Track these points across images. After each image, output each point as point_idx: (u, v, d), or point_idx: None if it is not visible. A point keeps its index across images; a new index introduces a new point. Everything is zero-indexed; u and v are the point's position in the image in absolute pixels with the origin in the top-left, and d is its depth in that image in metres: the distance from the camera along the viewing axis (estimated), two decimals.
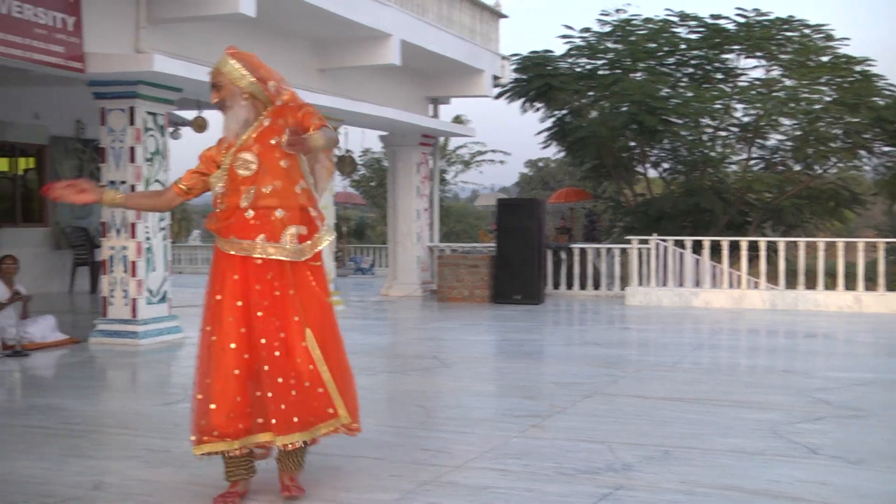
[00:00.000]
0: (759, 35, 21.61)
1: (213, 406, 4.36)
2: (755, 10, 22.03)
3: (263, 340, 4.37)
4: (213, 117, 14.58)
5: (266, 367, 4.37)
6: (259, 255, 4.42)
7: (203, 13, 10.57)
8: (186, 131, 16.99)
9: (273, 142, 4.52)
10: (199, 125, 14.12)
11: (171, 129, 12.13)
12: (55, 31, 9.61)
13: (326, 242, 4.64)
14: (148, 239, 10.62)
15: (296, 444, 4.42)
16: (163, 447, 5.62)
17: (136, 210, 4.99)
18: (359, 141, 45.61)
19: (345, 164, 16.95)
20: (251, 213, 4.46)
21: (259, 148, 4.52)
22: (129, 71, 10.16)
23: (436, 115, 18.41)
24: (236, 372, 4.37)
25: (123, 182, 10.47)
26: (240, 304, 4.40)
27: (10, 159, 16.96)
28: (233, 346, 4.37)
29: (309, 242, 4.54)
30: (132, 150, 10.44)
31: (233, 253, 4.46)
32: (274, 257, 4.43)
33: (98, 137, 10.85)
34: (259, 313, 4.38)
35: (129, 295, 10.53)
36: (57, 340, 10.28)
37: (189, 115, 15.19)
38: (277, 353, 4.38)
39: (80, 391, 7.72)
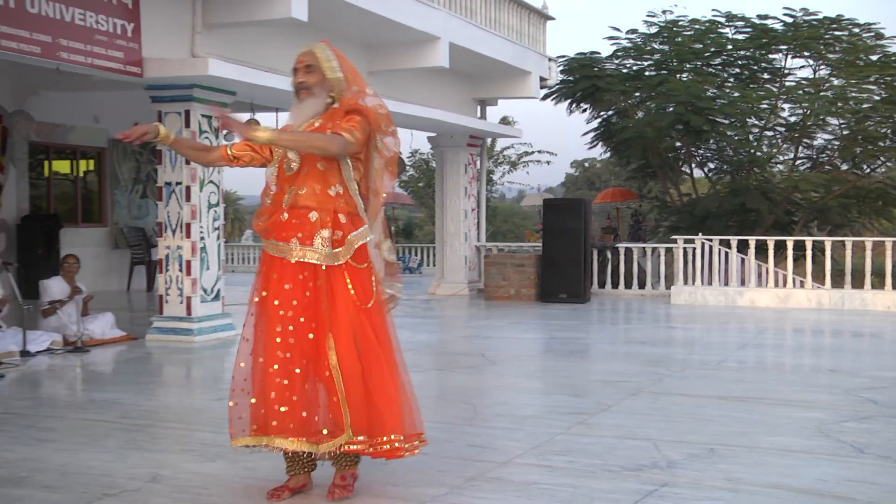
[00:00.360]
0: (807, 35, 21.34)
1: (252, 400, 4.41)
2: (803, 9, 21.77)
3: (292, 341, 4.37)
4: (266, 120, 14.72)
5: (297, 370, 4.38)
6: (295, 258, 4.40)
7: (256, 18, 10.65)
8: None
9: None
10: None
11: (224, 132, 12.23)
12: (115, 37, 9.74)
13: (360, 243, 4.46)
14: (202, 239, 10.73)
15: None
16: (216, 441, 5.67)
17: (181, 154, 4.93)
18: (407, 142, 45.68)
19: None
20: (286, 215, 4.45)
21: None
22: (185, 75, 10.26)
23: (483, 117, 18.40)
24: (273, 368, 4.37)
25: (179, 183, 10.59)
26: (276, 303, 4.41)
27: (72, 161, 17.22)
28: (273, 342, 4.38)
29: (342, 248, 4.41)
30: None
31: (272, 254, 4.47)
32: (307, 260, 4.40)
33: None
34: (289, 313, 4.37)
35: (184, 293, 10.64)
36: (115, 337, 10.43)
37: (242, 117, 15.35)
38: (305, 361, 4.39)
39: (138, 386, 7.82)
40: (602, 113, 23.70)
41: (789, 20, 21.78)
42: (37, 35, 8.85)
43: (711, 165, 24.18)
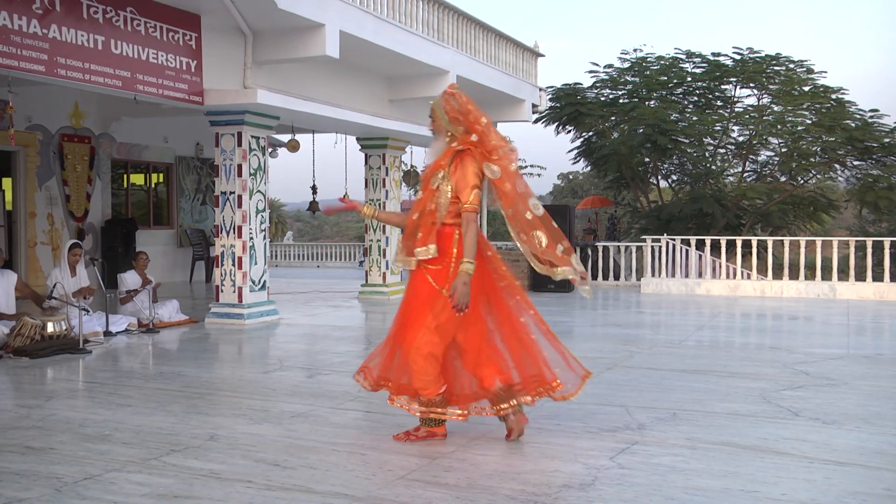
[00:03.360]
0: (753, 69, 21.38)
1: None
2: (749, 48, 21.85)
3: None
4: (305, 140, 14.73)
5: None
6: (410, 268, 4.68)
7: (297, 55, 10.66)
8: (282, 151, 17.18)
9: (434, 185, 4.61)
10: (293, 146, 14.26)
11: (270, 150, 12.23)
12: (181, 72, 9.76)
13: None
14: (251, 239, 10.74)
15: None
16: (263, 407, 5.69)
17: (385, 223, 5.25)
18: (422, 158, 45.68)
19: (410, 177, 16.99)
20: (421, 234, 4.64)
21: (426, 179, 4.69)
22: (238, 103, 10.28)
23: None
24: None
25: (232, 192, 10.60)
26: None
27: (145, 175, 17.26)
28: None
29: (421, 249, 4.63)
30: (240, 166, 10.56)
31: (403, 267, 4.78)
32: (410, 267, 4.68)
33: (213, 157, 10.98)
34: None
35: (236, 284, 10.65)
36: (180, 320, 10.45)
37: (284, 137, 15.35)
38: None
39: (198, 361, 7.84)
40: (584, 134, 23.73)
41: (738, 57, 21.84)
42: (119, 71, 8.88)
43: (674, 177, 24.18)
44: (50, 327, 8.06)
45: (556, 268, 4.89)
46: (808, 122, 21.18)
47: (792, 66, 21.80)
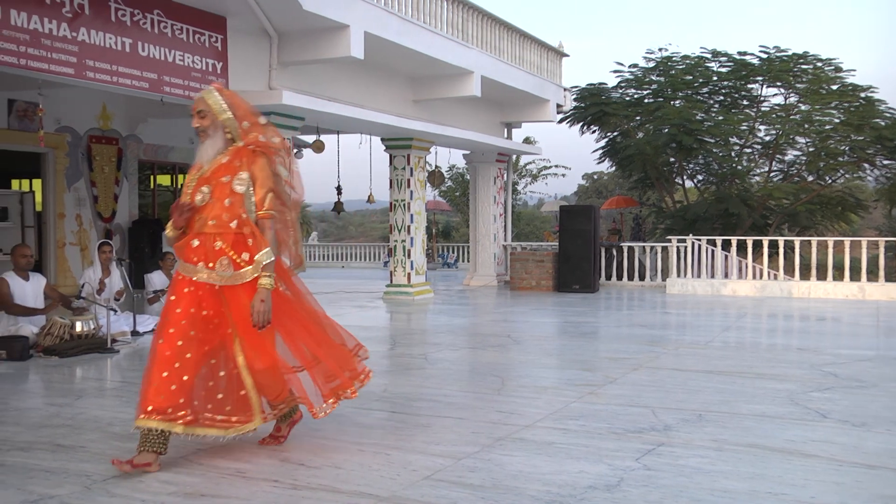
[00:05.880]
0: (779, 68, 21.20)
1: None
2: (776, 47, 21.66)
3: (207, 348, 4.24)
4: (330, 141, 14.80)
5: (203, 370, 4.28)
6: (198, 277, 4.24)
7: (322, 56, 10.71)
8: (307, 152, 17.24)
9: (224, 180, 4.27)
10: (318, 147, 14.34)
11: (295, 150, 12.29)
12: (207, 73, 9.83)
13: (268, 261, 4.24)
14: None
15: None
16: None
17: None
18: (446, 158, 45.77)
19: (434, 177, 17.02)
20: (196, 241, 4.29)
21: (214, 182, 4.29)
22: (263, 104, 10.33)
23: (509, 137, 18.36)
24: (176, 365, 4.14)
25: None
26: (193, 310, 4.23)
27: (171, 175, 17.40)
28: (180, 343, 4.16)
29: (249, 268, 4.23)
30: None
31: (182, 273, 4.30)
32: (206, 281, 4.22)
33: None
34: (191, 329, 4.21)
35: None
36: None
37: (309, 138, 15.41)
38: (213, 361, 4.30)
39: None
40: (608, 134, 23.65)
41: (764, 56, 21.66)
42: (146, 73, 8.96)
43: (700, 177, 24.04)
44: (78, 327, 8.14)
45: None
46: (837, 121, 20.99)
47: (820, 64, 21.59)
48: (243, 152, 4.34)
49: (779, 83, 21.85)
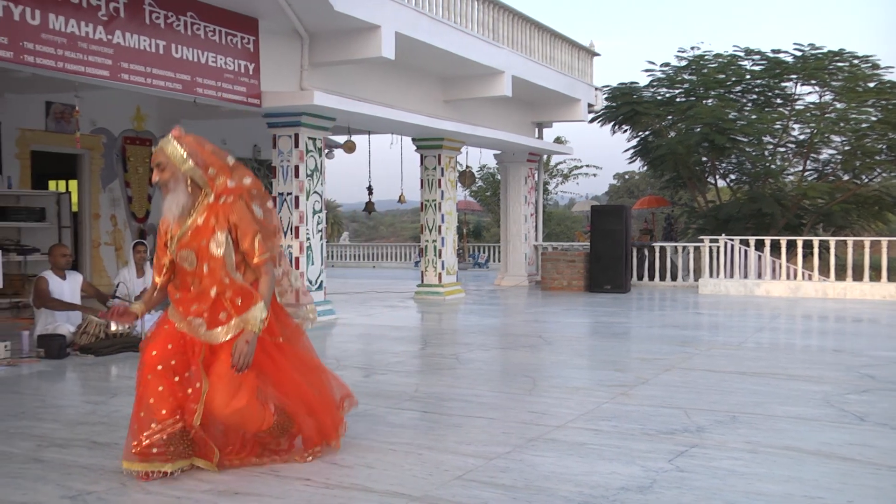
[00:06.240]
0: (814, 66, 20.95)
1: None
2: (810, 44, 21.39)
3: (177, 378, 4.07)
4: (361, 141, 14.84)
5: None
6: (178, 326, 4.10)
7: (353, 57, 10.75)
8: (338, 152, 17.32)
9: (203, 244, 4.05)
10: (349, 147, 14.39)
11: (326, 151, 12.36)
12: (239, 75, 9.91)
13: (223, 335, 4.05)
14: (308, 239, 10.86)
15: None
16: None
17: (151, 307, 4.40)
18: (477, 158, 45.77)
19: (465, 177, 17.03)
20: (178, 294, 4.17)
21: (195, 246, 4.07)
22: (295, 105, 10.41)
23: (540, 137, 18.32)
24: (160, 388, 4.04)
25: (290, 193, 10.73)
26: (170, 346, 4.09)
27: None
28: (159, 367, 4.05)
29: (222, 329, 4.05)
30: (297, 168, 10.69)
31: (172, 320, 4.16)
32: (184, 331, 4.08)
33: (270, 158, 11.12)
34: (172, 362, 4.06)
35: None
36: None
37: (341, 139, 15.47)
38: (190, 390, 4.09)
39: None
40: (640, 133, 23.52)
41: (798, 53, 21.42)
42: (179, 75, 9.05)
43: (733, 176, 23.82)
44: (114, 326, 8.24)
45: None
46: (873, 119, 20.70)
47: (856, 61, 21.29)
48: (216, 209, 4.07)
49: (813, 81, 21.59)
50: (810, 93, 22.22)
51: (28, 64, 7.51)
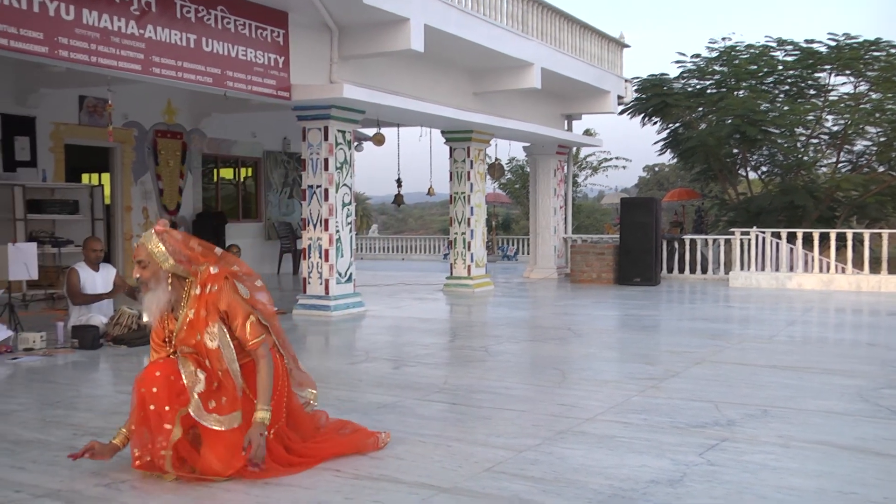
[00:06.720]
0: (849, 56, 20.63)
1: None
2: (845, 34, 21.07)
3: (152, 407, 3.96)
4: (390, 134, 14.89)
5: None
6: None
7: (382, 50, 10.75)
8: (368, 145, 17.37)
9: (199, 338, 4.00)
10: (379, 140, 14.43)
11: (355, 143, 12.39)
12: (269, 68, 9.95)
13: (216, 424, 3.96)
14: (337, 231, 10.89)
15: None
16: (349, 398, 5.77)
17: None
18: (506, 151, 45.67)
19: (494, 169, 17.00)
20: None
21: (192, 342, 4.04)
22: (324, 97, 10.43)
23: (569, 129, 18.23)
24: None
25: (319, 186, 10.77)
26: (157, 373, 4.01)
27: (234, 169, 17.67)
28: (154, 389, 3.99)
29: (211, 416, 3.96)
30: (326, 160, 10.73)
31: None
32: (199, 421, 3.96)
33: (300, 151, 11.17)
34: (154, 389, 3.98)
35: (323, 276, 10.83)
36: None
37: (370, 131, 15.51)
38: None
39: None
40: (670, 125, 23.33)
41: (833, 43, 21.10)
42: (210, 68, 9.11)
43: (764, 169, 23.58)
44: (146, 317, 8.32)
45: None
46: None
47: (893, 51, 20.94)
48: (204, 299, 4.01)
49: (848, 71, 21.27)
50: (845, 83, 21.90)
51: (62, 59, 7.60)
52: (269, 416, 3.93)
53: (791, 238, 15.49)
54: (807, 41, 21.56)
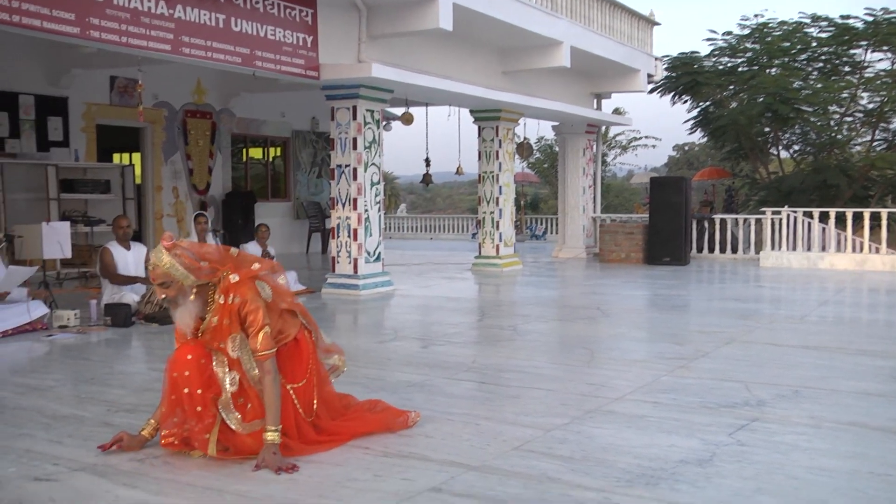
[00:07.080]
0: (887, 31, 20.22)
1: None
2: (883, 8, 20.65)
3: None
4: (418, 113, 14.83)
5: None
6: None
7: (410, 28, 10.71)
8: (396, 124, 17.35)
9: (222, 345, 3.98)
10: (407, 119, 14.38)
11: (384, 123, 12.37)
12: (298, 48, 9.96)
13: (238, 427, 3.97)
14: (366, 211, 10.91)
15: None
16: (378, 376, 5.80)
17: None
18: (535, 130, 45.44)
19: (523, 149, 16.93)
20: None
21: (216, 346, 4.02)
22: (353, 77, 10.43)
23: (599, 108, 18.10)
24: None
25: (348, 165, 10.79)
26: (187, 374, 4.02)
27: (263, 149, 17.75)
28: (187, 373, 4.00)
29: (236, 415, 3.97)
30: (355, 140, 10.73)
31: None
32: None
33: (328, 130, 11.19)
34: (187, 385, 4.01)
35: (352, 255, 10.86)
36: (297, 290, 10.64)
37: (398, 111, 15.48)
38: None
39: None
40: (700, 103, 23.10)
41: (870, 18, 20.69)
42: (239, 48, 9.14)
43: (796, 147, 23.29)
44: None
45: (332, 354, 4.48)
46: None
47: None
48: (227, 309, 3.96)
49: (885, 47, 20.87)
50: (881, 59, 21.49)
51: (94, 39, 7.65)
52: (279, 437, 3.87)
53: (823, 218, 15.31)
54: (842, 17, 21.17)
